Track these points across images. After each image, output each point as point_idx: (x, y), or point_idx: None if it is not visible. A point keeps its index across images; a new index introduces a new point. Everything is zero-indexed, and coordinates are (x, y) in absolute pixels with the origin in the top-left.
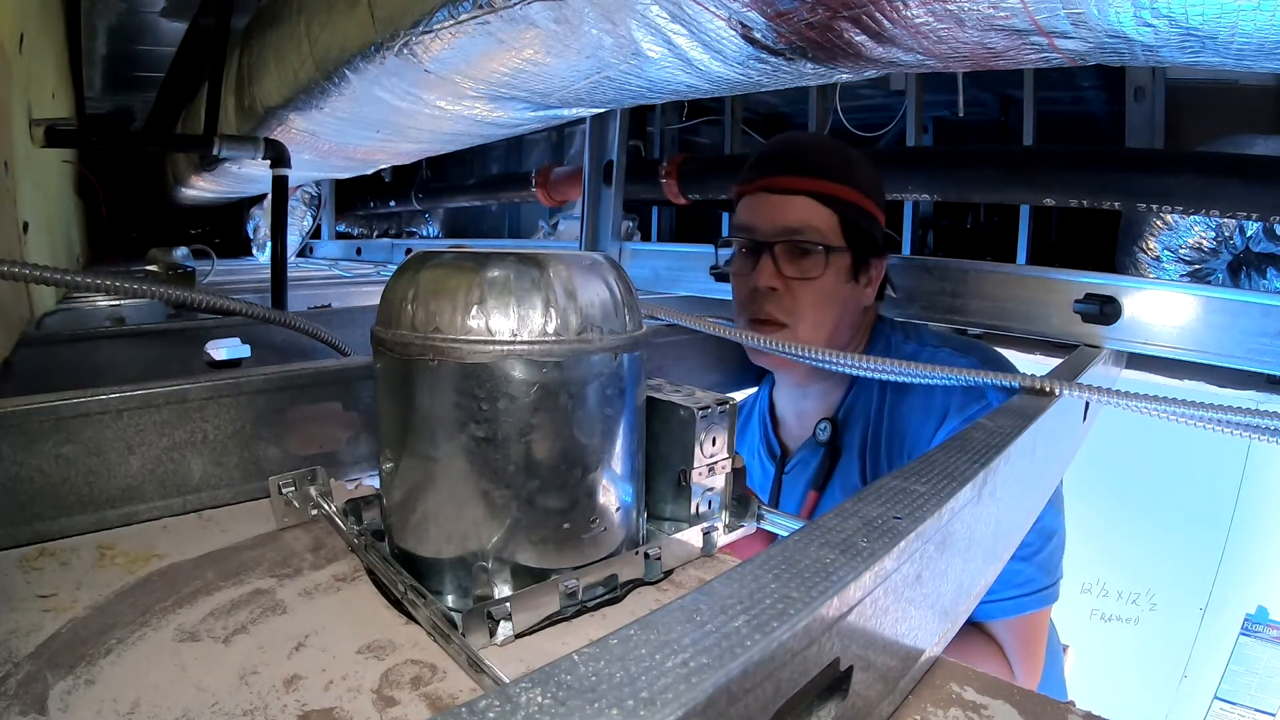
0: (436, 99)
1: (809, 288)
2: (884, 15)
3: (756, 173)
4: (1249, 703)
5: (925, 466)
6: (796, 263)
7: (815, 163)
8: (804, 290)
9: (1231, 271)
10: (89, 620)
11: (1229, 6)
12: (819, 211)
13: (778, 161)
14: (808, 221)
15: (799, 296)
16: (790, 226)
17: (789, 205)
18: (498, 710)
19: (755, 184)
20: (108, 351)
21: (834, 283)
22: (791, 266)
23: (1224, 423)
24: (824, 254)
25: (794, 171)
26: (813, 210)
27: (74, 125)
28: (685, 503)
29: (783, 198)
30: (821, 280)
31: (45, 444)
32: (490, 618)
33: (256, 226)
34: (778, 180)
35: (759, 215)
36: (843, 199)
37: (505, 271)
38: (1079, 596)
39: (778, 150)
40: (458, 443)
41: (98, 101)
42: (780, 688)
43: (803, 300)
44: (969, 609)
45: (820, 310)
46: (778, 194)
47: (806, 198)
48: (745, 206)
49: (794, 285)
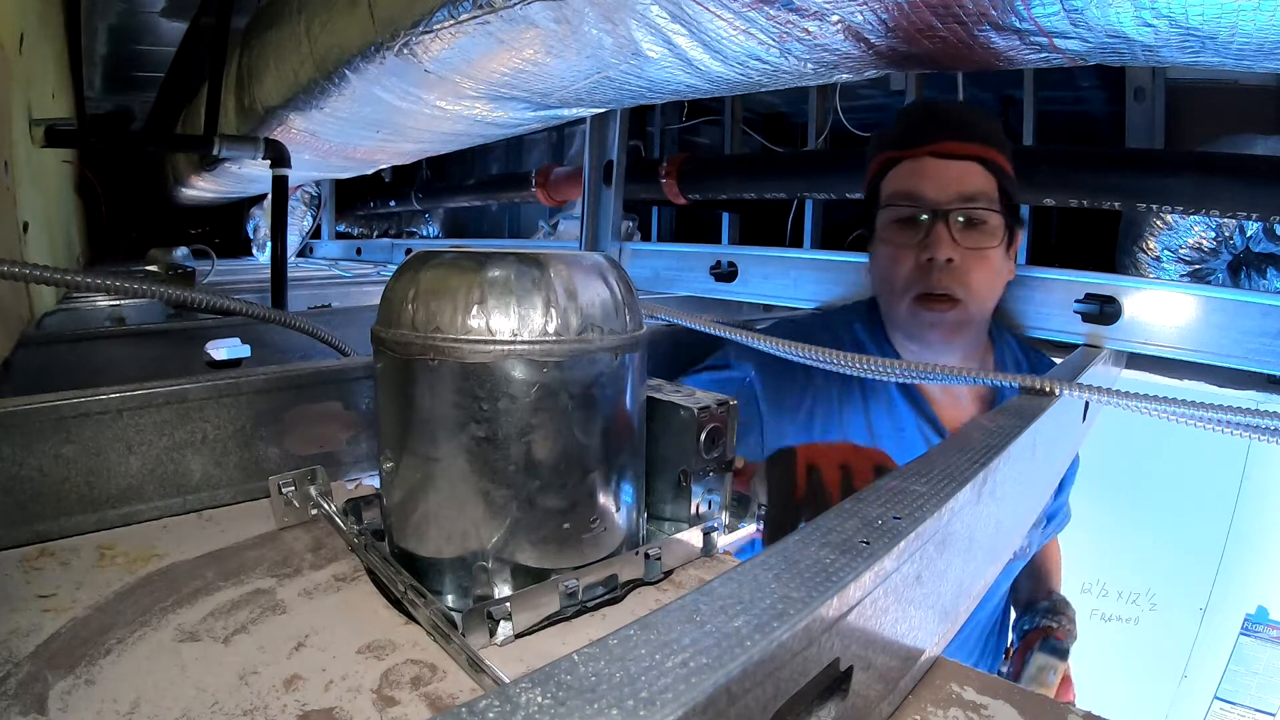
0: (436, 99)
1: (983, 260)
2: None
3: (920, 136)
4: (1249, 703)
5: (925, 466)
6: (970, 233)
7: (979, 127)
8: (978, 262)
9: (1231, 271)
10: (89, 620)
11: (1229, 6)
12: (987, 179)
13: (944, 125)
14: (980, 189)
15: (973, 269)
16: (966, 194)
17: (962, 171)
18: (497, 710)
19: (921, 148)
20: (108, 351)
21: (1000, 255)
22: (966, 237)
23: (1224, 423)
24: (1001, 223)
25: (962, 136)
26: (982, 177)
27: (74, 125)
28: (685, 503)
29: (955, 163)
30: (994, 252)
31: (45, 444)
32: (490, 617)
33: (256, 226)
34: (946, 145)
35: (929, 180)
36: (1002, 166)
37: (506, 271)
38: (1079, 596)
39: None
40: (458, 442)
41: (98, 101)
42: (780, 688)
43: (977, 274)
44: (969, 609)
45: (992, 284)
46: (947, 159)
47: (974, 163)
48: (907, 172)
49: (968, 257)
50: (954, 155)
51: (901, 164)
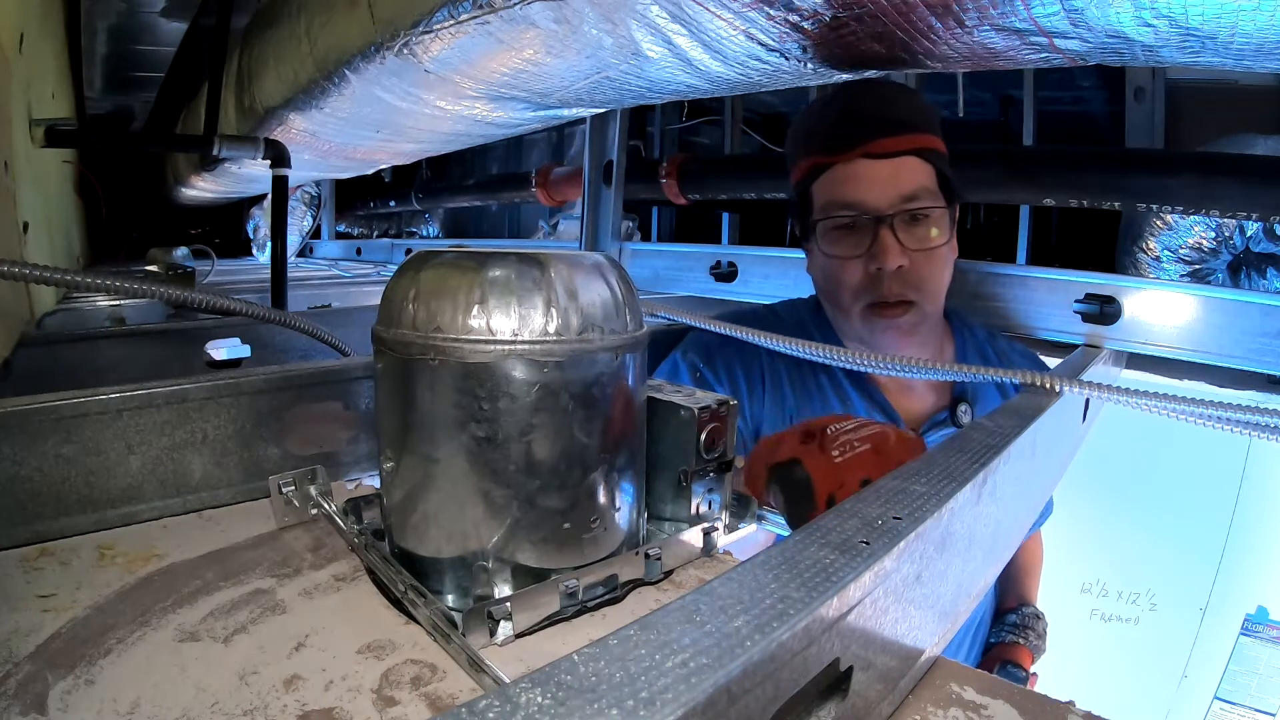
0: (436, 99)
1: (931, 257)
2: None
3: (849, 138)
4: (1249, 703)
5: (925, 466)
6: (915, 232)
7: (911, 115)
8: (927, 262)
9: (1231, 271)
10: (89, 620)
11: (1229, 6)
12: (924, 170)
13: (874, 122)
14: (921, 184)
15: (923, 269)
16: (907, 193)
17: (899, 170)
18: (497, 710)
19: (853, 151)
20: (108, 351)
21: (946, 246)
22: (912, 238)
23: (1224, 420)
24: (945, 214)
25: (893, 130)
26: (918, 170)
27: (74, 125)
28: (686, 503)
29: (890, 162)
30: (943, 248)
31: (45, 444)
32: (490, 617)
33: (256, 226)
34: (878, 144)
35: (867, 187)
36: (937, 150)
37: (506, 271)
38: (1079, 596)
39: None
40: (458, 442)
41: (98, 101)
42: (780, 688)
43: (927, 272)
44: (969, 609)
45: (942, 277)
46: (882, 159)
47: (911, 158)
48: (841, 179)
49: (917, 258)
50: (889, 153)
51: (832, 169)
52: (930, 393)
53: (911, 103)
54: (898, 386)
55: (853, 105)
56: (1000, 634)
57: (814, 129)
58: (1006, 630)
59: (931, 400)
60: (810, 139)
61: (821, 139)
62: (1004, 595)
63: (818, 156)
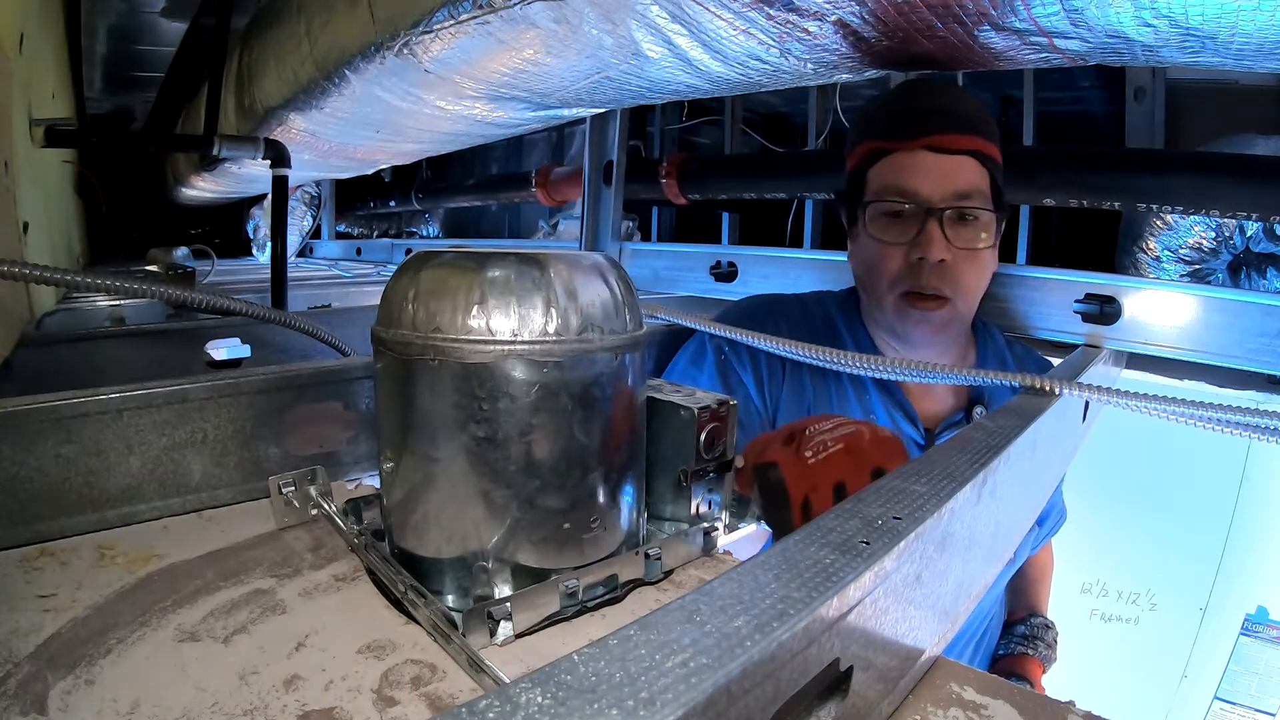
0: (436, 99)
1: (974, 259)
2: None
3: (915, 128)
4: (1249, 703)
5: (925, 466)
6: (962, 232)
7: (975, 118)
8: (969, 262)
9: (1231, 271)
10: (89, 620)
11: (1229, 6)
12: (980, 174)
13: (940, 116)
14: (975, 185)
15: (964, 269)
16: (961, 191)
17: (958, 167)
18: (497, 710)
19: (916, 141)
20: (108, 351)
21: (990, 252)
22: (958, 236)
23: (1224, 422)
24: (992, 219)
25: (959, 129)
26: (976, 173)
27: (74, 125)
28: (685, 503)
29: (950, 158)
30: (985, 251)
31: (45, 444)
32: (491, 617)
33: (256, 226)
34: (942, 139)
35: (923, 177)
36: (996, 160)
37: (506, 271)
38: (1079, 596)
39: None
40: (458, 442)
41: (98, 101)
42: (780, 688)
43: (967, 273)
44: (969, 609)
45: (980, 282)
46: (943, 153)
47: (969, 158)
48: (899, 166)
49: (960, 256)
50: (950, 150)
51: (893, 156)
52: (949, 395)
53: (977, 107)
54: (919, 387)
55: (922, 98)
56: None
57: (880, 115)
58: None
59: (950, 403)
60: (874, 124)
61: (886, 125)
62: (1013, 606)
63: (880, 141)
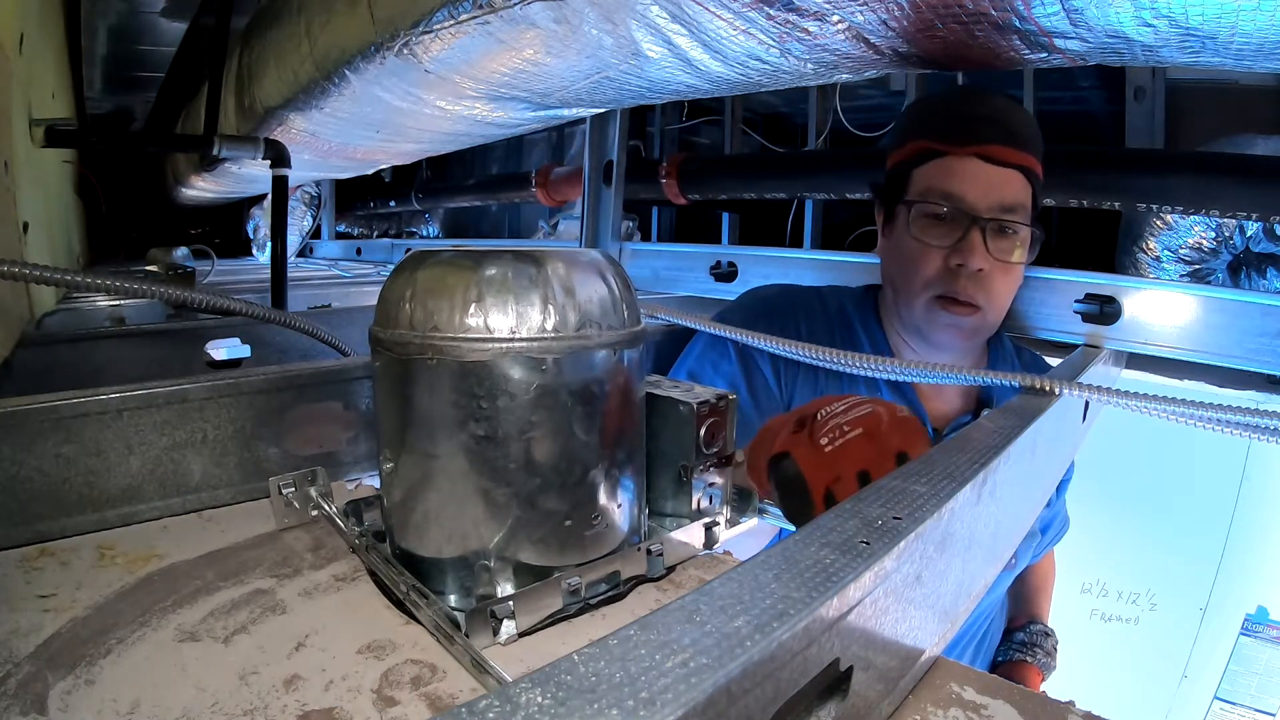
0: (436, 99)
1: (1009, 271)
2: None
3: (970, 135)
4: (1249, 703)
5: (925, 466)
6: (1001, 243)
7: (1027, 135)
8: (1004, 274)
9: (1231, 271)
10: (89, 620)
11: (1229, 6)
12: (1026, 189)
13: (995, 127)
14: (1019, 200)
15: (998, 280)
16: (1007, 204)
17: (1006, 180)
18: (497, 710)
19: (968, 148)
20: (108, 351)
21: (1021, 267)
22: (997, 247)
23: (1224, 423)
24: (1029, 234)
25: (1011, 142)
26: (1021, 187)
27: (74, 125)
28: (686, 499)
29: (1000, 170)
30: (1021, 265)
31: (45, 444)
32: (494, 616)
33: (256, 226)
34: (995, 150)
35: (972, 185)
36: (1040, 177)
37: (503, 269)
38: (1079, 596)
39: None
40: (458, 441)
41: (98, 101)
42: (780, 688)
43: (1001, 284)
44: (969, 609)
45: (1010, 295)
46: (994, 164)
47: (1018, 173)
48: (949, 171)
49: (996, 268)
50: (1001, 161)
51: (944, 159)
52: (958, 397)
53: (1030, 123)
54: (930, 387)
55: (980, 105)
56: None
57: (933, 116)
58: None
59: (959, 405)
60: (928, 124)
61: (940, 127)
62: (1014, 612)
63: (933, 142)
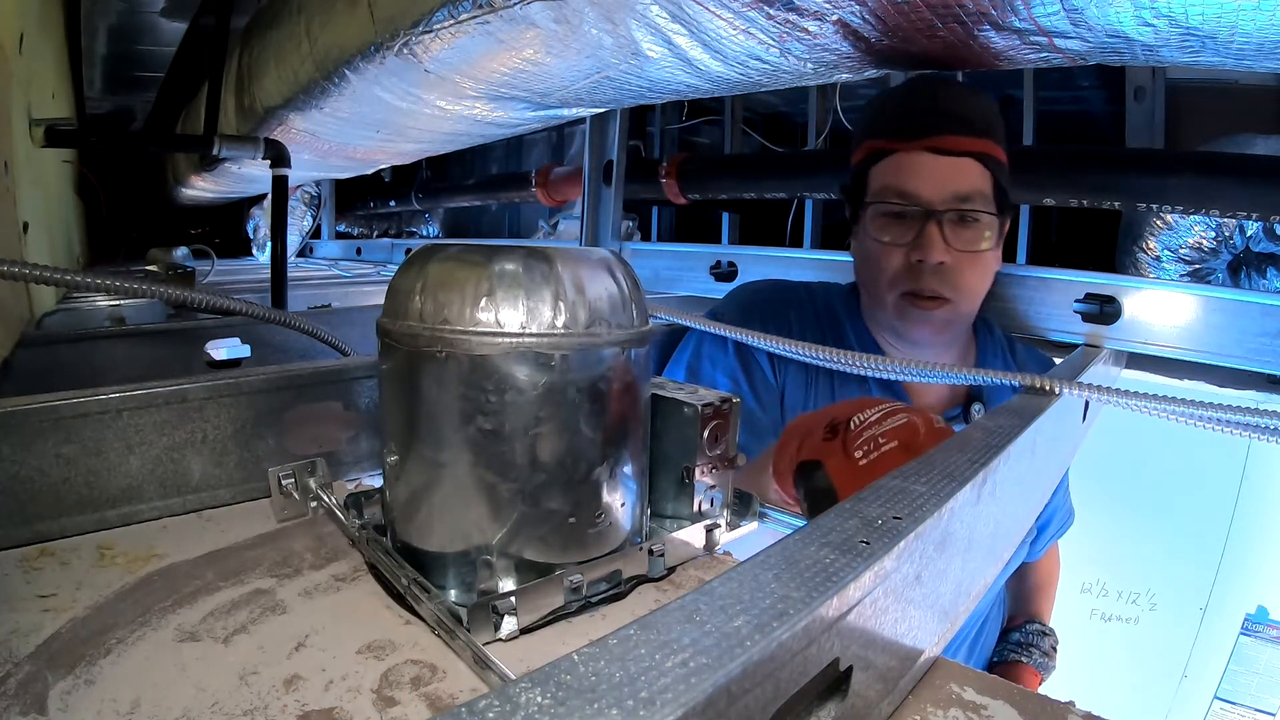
0: (436, 99)
1: (975, 260)
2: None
3: (917, 129)
4: (1249, 703)
5: (925, 466)
6: (962, 234)
7: (978, 119)
8: (969, 264)
9: (1231, 271)
10: (89, 620)
11: (1229, 6)
12: (983, 175)
13: (942, 117)
14: (976, 188)
15: (964, 270)
16: (962, 194)
17: (959, 170)
18: (497, 710)
19: (916, 141)
20: (108, 351)
21: (992, 253)
22: (958, 238)
23: (1224, 422)
24: (994, 221)
25: (962, 130)
26: (978, 174)
27: (74, 125)
28: (688, 500)
29: (952, 160)
30: (986, 253)
31: (45, 444)
32: (495, 611)
33: (256, 226)
34: (945, 140)
35: (924, 179)
36: (999, 160)
37: (515, 265)
38: (1079, 596)
39: (938, 104)
40: (464, 436)
41: (98, 101)
42: (780, 688)
43: (968, 274)
44: (969, 609)
45: (981, 283)
46: (944, 155)
47: (973, 160)
48: (899, 167)
49: (960, 259)
50: (951, 151)
51: (894, 156)
52: (946, 389)
53: (983, 107)
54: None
55: (925, 98)
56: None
57: (882, 114)
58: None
59: (948, 397)
60: (876, 123)
61: (887, 125)
62: (1013, 611)
63: (881, 141)
